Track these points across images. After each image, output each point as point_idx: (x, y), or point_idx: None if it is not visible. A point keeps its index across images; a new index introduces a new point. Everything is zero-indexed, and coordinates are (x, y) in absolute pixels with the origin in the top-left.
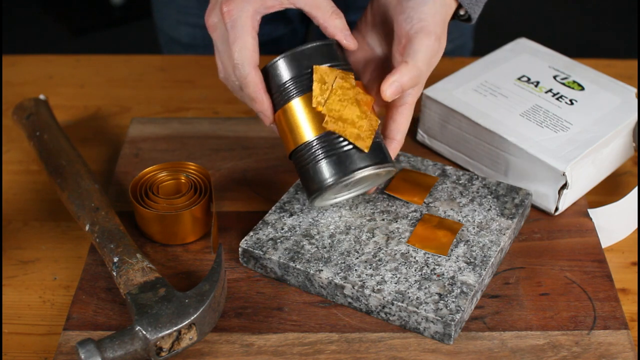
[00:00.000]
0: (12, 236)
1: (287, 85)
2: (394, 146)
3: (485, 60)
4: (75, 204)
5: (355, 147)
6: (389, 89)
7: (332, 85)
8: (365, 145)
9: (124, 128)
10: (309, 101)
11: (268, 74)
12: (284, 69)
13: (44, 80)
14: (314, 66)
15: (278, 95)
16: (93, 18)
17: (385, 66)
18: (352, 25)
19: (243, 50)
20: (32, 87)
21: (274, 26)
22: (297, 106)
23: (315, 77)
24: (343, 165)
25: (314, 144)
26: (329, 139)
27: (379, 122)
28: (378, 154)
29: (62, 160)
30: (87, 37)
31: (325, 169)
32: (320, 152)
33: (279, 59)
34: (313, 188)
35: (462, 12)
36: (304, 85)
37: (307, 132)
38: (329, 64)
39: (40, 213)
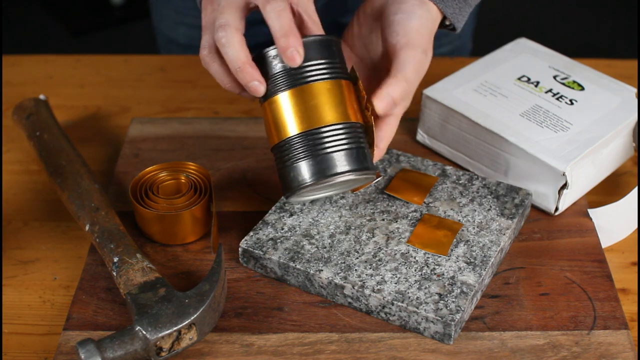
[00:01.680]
0: (12, 236)
1: (281, 75)
2: (376, 154)
3: (485, 60)
4: (75, 204)
5: (338, 150)
6: (381, 102)
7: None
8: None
9: (124, 128)
10: (300, 95)
11: (263, 60)
12: (280, 58)
13: (44, 80)
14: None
15: (269, 84)
16: (93, 18)
17: (372, 74)
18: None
19: (228, 14)
20: (32, 87)
21: None
22: (288, 99)
23: (356, 73)
24: (324, 167)
25: (299, 141)
26: (315, 138)
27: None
28: (361, 159)
29: (62, 160)
30: (87, 37)
31: (306, 169)
32: (302, 150)
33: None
34: (291, 185)
35: (447, 22)
36: (299, 78)
37: (293, 127)
38: (327, 60)
39: (40, 213)
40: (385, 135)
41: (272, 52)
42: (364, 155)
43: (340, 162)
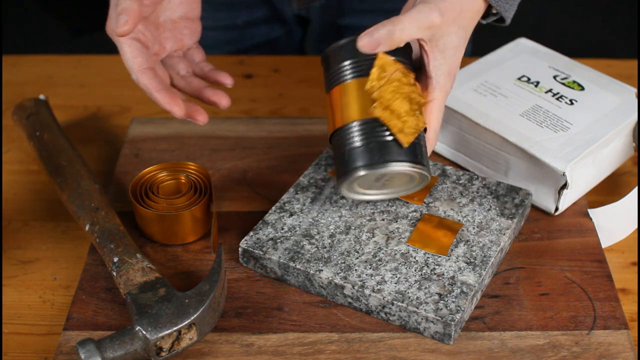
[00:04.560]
0: (12, 236)
1: (350, 64)
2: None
3: (485, 60)
4: (75, 204)
5: (395, 140)
6: (361, 37)
7: (390, 76)
8: (406, 140)
9: (124, 128)
10: (363, 85)
11: (342, 49)
12: (353, 49)
13: (44, 80)
14: (379, 53)
15: (340, 72)
16: (93, 18)
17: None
18: (347, 29)
19: (126, 61)
20: (32, 87)
21: (270, 27)
22: (351, 87)
23: (376, 62)
24: (378, 154)
25: (356, 128)
26: (371, 126)
27: (426, 126)
28: (417, 154)
29: (62, 160)
30: (87, 37)
31: (360, 155)
32: (359, 137)
33: (354, 38)
34: (345, 170)
35: (494, 11)
36: (366, 69)
37: (354, 113)
38: (394, 57)
39: (40, 213)
40: (430, 124)
41: (341, 42)
42: (421, 152)
43: (397, 152)
